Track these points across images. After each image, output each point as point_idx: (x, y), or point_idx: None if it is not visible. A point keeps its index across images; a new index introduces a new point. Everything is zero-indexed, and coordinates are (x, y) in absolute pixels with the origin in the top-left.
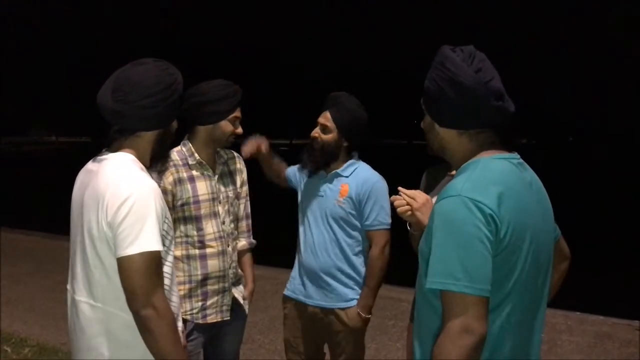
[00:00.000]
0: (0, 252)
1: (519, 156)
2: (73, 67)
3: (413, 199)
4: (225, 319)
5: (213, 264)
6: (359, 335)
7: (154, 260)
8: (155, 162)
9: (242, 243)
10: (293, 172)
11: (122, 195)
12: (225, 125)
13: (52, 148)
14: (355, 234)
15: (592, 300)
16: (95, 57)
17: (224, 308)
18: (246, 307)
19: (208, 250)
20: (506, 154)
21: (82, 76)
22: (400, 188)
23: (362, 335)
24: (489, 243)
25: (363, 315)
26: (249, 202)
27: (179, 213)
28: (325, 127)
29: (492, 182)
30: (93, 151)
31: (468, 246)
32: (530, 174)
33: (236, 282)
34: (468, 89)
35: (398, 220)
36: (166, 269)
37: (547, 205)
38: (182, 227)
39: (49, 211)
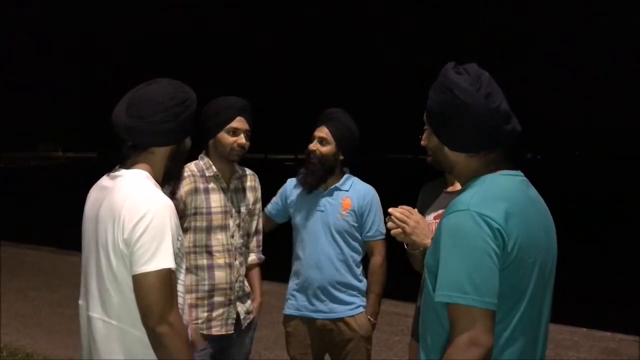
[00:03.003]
0: (6, 267)
1: (522, 174)
2: (81, 84)
3: (405, 222)
4: (229, 332)
5: (220, 276)
6: (368, 342)
7: (170, 277)
8: (168, 180)
9: (252, 258)
10: (275, 205)
11: (139, 212)
12: (222, 137)
13: (58, 163)
14: (355, 245)
15: (599, 315)
16: (103, 75)
17: (229, 322)
18: (252, 320)
19: (215, 262)
20: (511, 171)
21: (89, 93)
22: (390, 210)
23: (371, 342)
24: (496, 257)
25: (373, 320)
26: (261, 219)
27: (191, 222)
28: (324, 140)
29: (499, 197)
30: (99, 166)
31: (476, 260)
32: (533, 191)
33: (244, 297)
34: (480, 116)
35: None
36: (178, 287)
37: (550, 220)
38: (191, 237)
39: (55, 226)
